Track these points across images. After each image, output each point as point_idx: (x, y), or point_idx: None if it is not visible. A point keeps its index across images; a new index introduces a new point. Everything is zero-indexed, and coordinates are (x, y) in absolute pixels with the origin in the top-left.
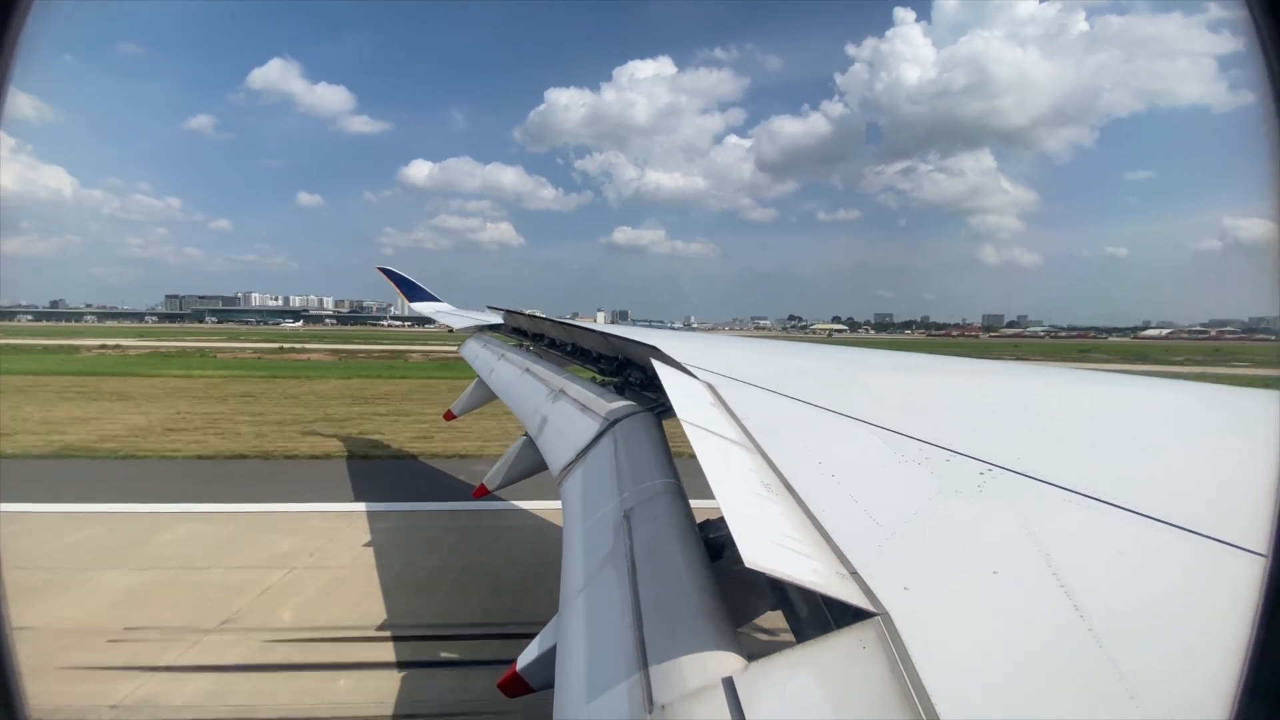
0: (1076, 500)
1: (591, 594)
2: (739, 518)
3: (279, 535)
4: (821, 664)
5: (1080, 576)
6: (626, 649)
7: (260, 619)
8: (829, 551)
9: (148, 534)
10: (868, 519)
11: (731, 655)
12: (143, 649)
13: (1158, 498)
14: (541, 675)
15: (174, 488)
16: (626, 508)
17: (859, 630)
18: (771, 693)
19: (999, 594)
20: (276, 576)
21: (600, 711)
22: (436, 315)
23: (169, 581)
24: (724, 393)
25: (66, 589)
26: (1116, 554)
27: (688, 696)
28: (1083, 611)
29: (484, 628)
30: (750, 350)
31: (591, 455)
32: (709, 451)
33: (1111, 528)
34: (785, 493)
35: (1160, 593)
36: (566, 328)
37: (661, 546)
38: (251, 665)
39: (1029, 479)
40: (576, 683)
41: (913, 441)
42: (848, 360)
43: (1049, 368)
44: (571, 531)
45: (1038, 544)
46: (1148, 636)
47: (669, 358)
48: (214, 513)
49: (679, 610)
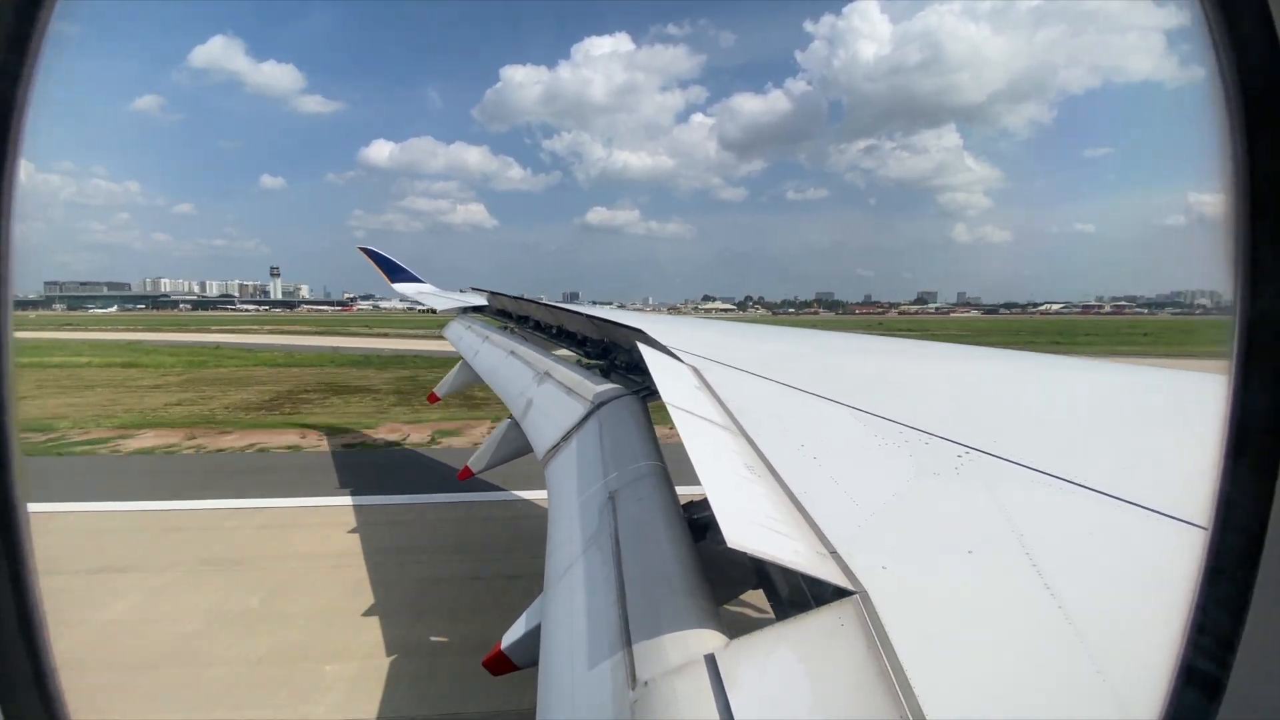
0: (1048, 482)
1: (576, 574)
2: (722, 499)
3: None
4: (801, 641)
5: (1051, 556)
6: (610, 627)
7: None
8: (810, 532)
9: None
10: (848, 500)
11: (713, 633)
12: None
13: (1123, 479)
14: (526, 653)
15: None
16: (611, 489)
17: (838, 608)
18: (752, 669)
19: (974, 573)
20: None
21: (584, 688)
22: (419, 296)
23: None
24: (709, 376)
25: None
26: (1085, 534)
27: (670, 673)
28: (1053, 590)
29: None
30: (736, 334)
31: (577, 438)
32: (693, 434)
33: (1081, 509)
34: (768, 474)
35: (1126, 570)
36: (552, 310)
37: (645, 527)
38: None
39: (1004, 461)
40: (561, 660)
41: (893, 425)
42: (832, 345)
43: (1024, 354)
44: (557, 513)
45: (1012, 525)
46: (1114, 612)
47: (654, 341)
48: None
49: (662, 589)
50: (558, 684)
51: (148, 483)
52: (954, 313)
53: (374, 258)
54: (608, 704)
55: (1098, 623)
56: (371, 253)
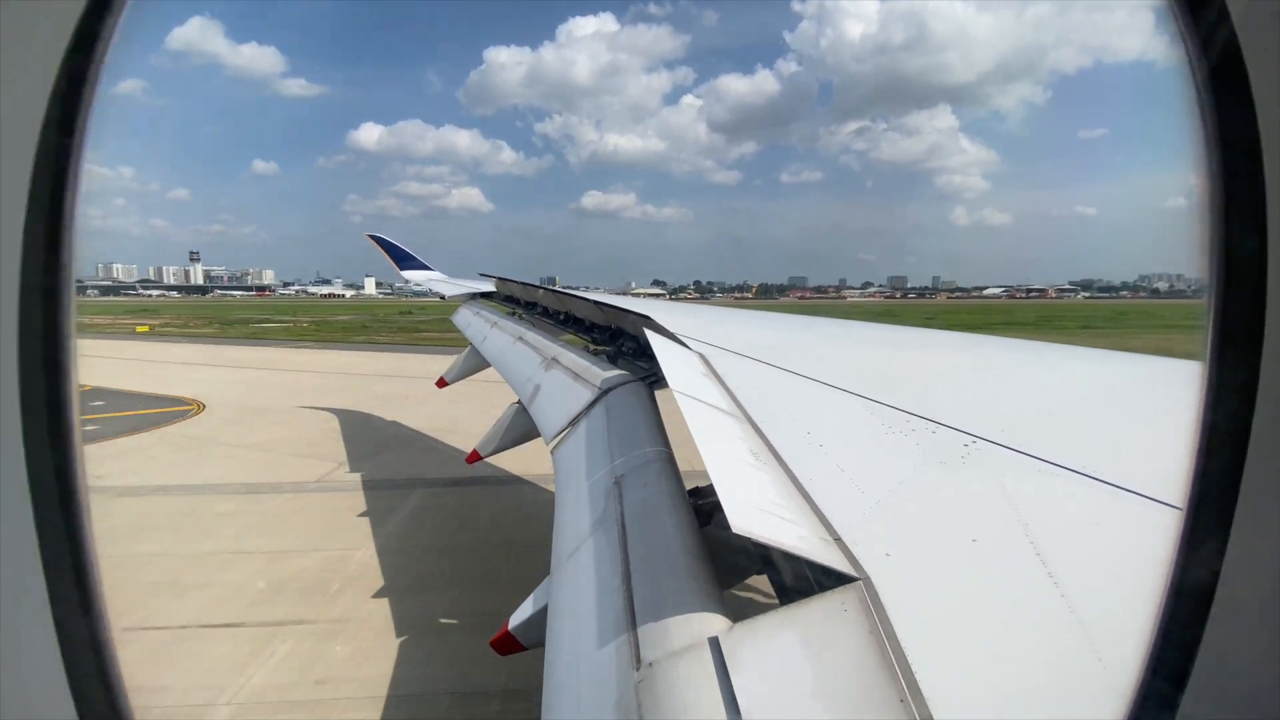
0: (1055, 472)
1: (583, 557)
2: (727, 485)
3: None
4: (804, 625)
5: (1055, 545)
6: (616, 609)
7: None
8: (814, 518)
9: None
10: (853, 488)
11: (717, 616)
12: None
13: (1127, 468)
14: (533, 634)
15: None
16: (618, 474)
17: (840, 594)
18: (755, 651)
19: (977, 561)
20: None
21: (590, 668)
22: (429, 283)
23: None
24: (716, 363)
25: None
26: (1091, 523)
27: (674, 655)
28: (1056, 578)
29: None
30: (744, 321)
31: (584, 423)
32: (699, 420)
33: (1086, 498)
34: (774, 461)
35: (1129, 559)
36: (560, 296)
37: (651, 512)
38: None
39: (1011, 451)
40: (567, 641)
41: (900, 413)
42: (840, 333)
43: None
44: (564, 496)
45: (1017, 514)
46: (1115, 600)
47: (662, 328)
48: None
49: (667, 573)
50: (564, 664)
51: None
52: (879, 296)
53: (383, 245)
54: (613, 684)
55: (1098, 610)
56: (380, 240)
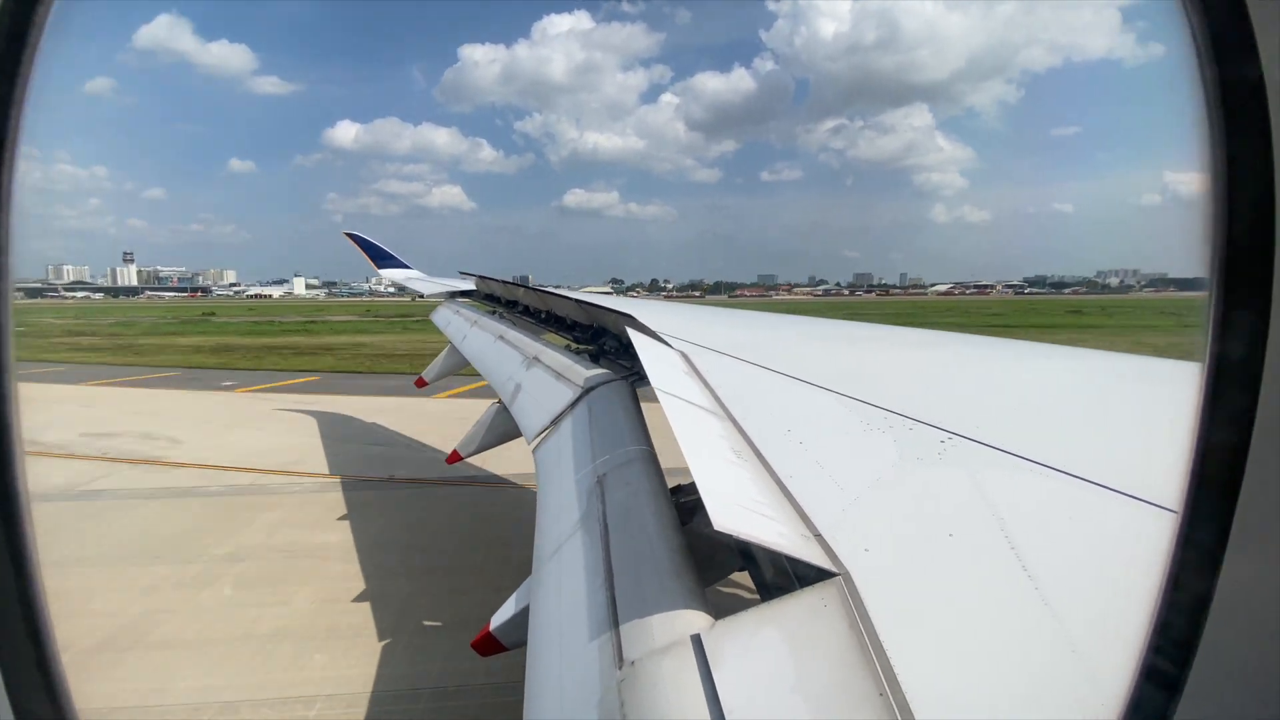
0: (1030, 468)
1: (564, 556)
2: (709, 483)
3: None
4: (785, 621)
5: (1030, 540)
6: (598, 608)
7: None
8: (794, 515)
9: None
10: (832, 484)
11: (699, 613)
12: None
13: (1104, 465)
14: (515, 635)
15: None
16: (600, 473)
17: (821, 590)
18: (737, 648)
19: (954, 556)
20: None
21: (572, 668)
22: (407, 282)
23: None
24: (697, 361)
25: None
26: (1065, 519)
27: (657, 653)
28: (1031, 573)
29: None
30: (725, 319)
31: (566, 422)
32: (681, 419)
33: (1061, 494)
34: (754, 459)
35: (1103, 554)
36: (541, 295)
37: (633, 510)
38: None
39: (987, 447)
40: (549, 641)
41: (878, 410)
42: (821, 331)
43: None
44: (546, 496)
45: (992, 509)
46: (1089, 595)
47: (644, 326)
48: None
49: (649, 571)
50: (546, 664)
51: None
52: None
53: (360, 243)
54: (595, 683)
55: (1073, 605)
56: (357, 238)
